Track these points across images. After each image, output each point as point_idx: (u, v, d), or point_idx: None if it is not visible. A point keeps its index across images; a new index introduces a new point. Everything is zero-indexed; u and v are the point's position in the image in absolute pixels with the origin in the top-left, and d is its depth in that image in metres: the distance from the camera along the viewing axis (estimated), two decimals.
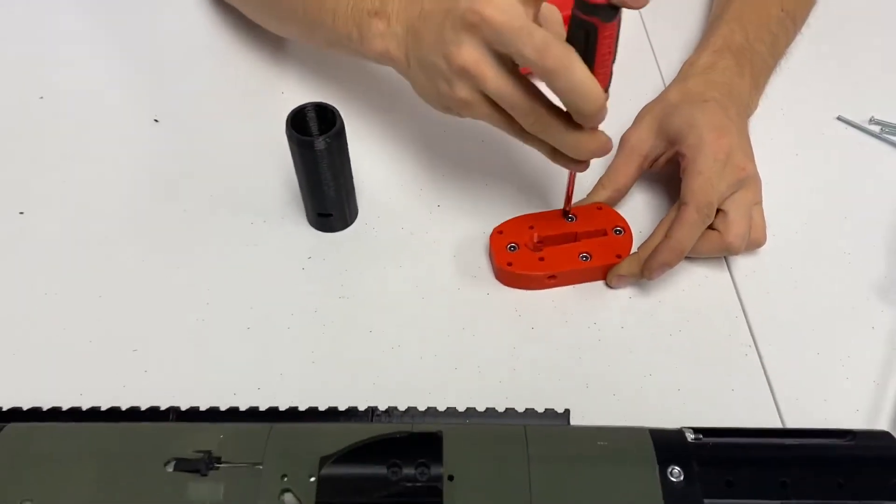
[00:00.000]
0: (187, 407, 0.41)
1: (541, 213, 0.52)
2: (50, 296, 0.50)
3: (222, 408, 0.41)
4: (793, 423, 0.44)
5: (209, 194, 0.55)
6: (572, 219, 0.51)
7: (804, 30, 0.64)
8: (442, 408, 0.41)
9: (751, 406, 0.45)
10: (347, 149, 0.49)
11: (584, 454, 0.38)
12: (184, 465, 0.37)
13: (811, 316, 0.49)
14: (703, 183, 0.47)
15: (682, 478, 0.37)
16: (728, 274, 0.51)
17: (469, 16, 0.40)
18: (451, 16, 0.42)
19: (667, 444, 0.38)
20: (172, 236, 0.53)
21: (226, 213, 0.54)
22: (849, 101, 0.60)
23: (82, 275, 0.51)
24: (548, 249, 0.50)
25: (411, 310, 0.49)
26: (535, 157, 0.47)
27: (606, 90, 0.42)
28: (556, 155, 0.45)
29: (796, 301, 0.49)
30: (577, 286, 0.50)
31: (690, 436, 0.39)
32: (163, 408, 0.41)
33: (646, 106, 0.53)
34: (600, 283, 0.50)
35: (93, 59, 0.65)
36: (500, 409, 0.41)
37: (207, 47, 0.66)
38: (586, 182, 0.53)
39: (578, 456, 0.38)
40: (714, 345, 0.47)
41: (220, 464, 0.37)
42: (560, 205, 0.52)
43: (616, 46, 0.42)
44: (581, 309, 0.49)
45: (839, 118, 0.59)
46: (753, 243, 0.50)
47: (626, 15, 0.62)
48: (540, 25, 0.41)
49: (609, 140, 0.44)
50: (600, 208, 0.52)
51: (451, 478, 0.36)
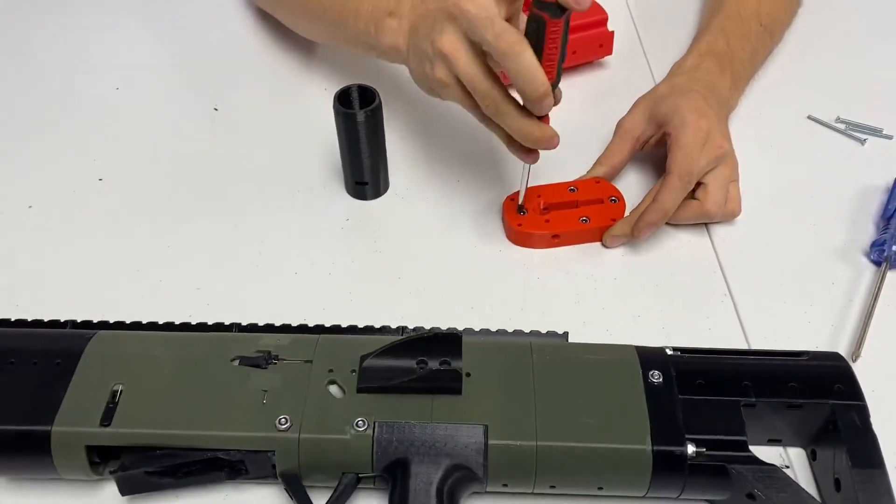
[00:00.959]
0: (247, 324, 0.49)
1: (547, 184, 0.60)
2: (126, 245, 0.58)
3: (277, 325, 0.49)
4: None
5: (261, 169, 0.64)
6: (574, 190, 0.59)
7: (781, 41, 0.73)
8: (461, 329, 0.49)
9: (725, 343, 0.52)
10: (383, 124, 0.58)
11: (579, 360, 0.45)
12: (247, 361, 0.45)
13: (779, 272, 0.56)
14: (684, 155, 0.55)
15: (660, 379, 0.44)
16: (708, 238, 0.59)
17: (452, 8, 0.49)
18: (440, 9, 0.50)
19: (649, 355, 0.46)
20: (230, 202, 0.61)
21: (275, 184, 0.63)
22: (818, 102, 0.69)
23: (156, 228, 0.59)
24: (552, 213, 0.58)
25: (434, 262, 0.57)
26: None
27: (555, 84, 0.49)
28: (511, 142, 0.53)
29: (767, 260, 0.57)
30: (577, 247, 0.58)
31: (670, 351, 0.46)
32: (226, 324, 0.49)
33: (638, 98, 0.62)
34: (597, 244, 0.58)
35: (163, 59, 0.75)
36: (509, 331, 0.49)
37: (260, 47, 0.76)
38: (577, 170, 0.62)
39: (575, 361, 0.45)
40: (694, 293, 0.55)
41: (278, 360, 0.45)
42: (561, 178, 0.60)
43: (563, 46, 0.48)
44: (580, 264, 0.57)
45: (809, 117, 0.68)
46: (729, 214, 0.58)
47: (622, 25, 0.72)
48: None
49: (555, 135, 0.51)
50: (598, 182, 0.60)
51: (468, 374, 0.44)
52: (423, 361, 0.43)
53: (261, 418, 0.42)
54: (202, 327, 0.49)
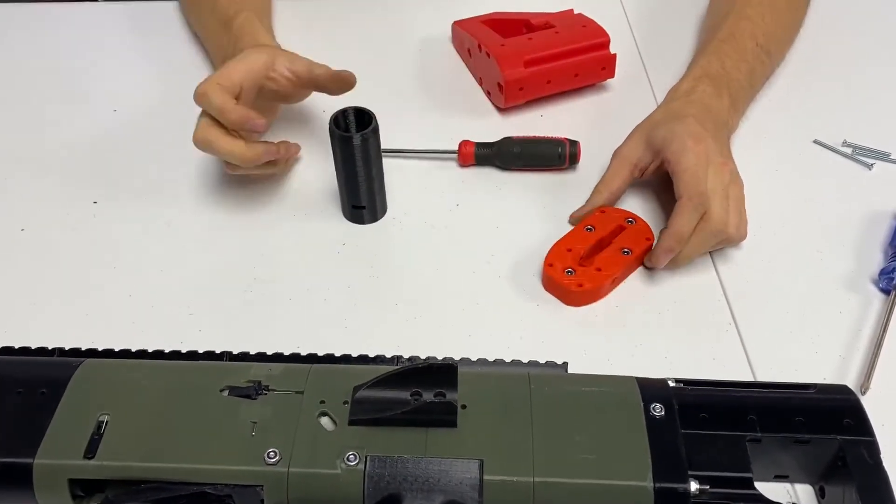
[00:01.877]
0: (238, 353, 0.48)
1: (566, 236, 0.57)
2: (119, 269, 0.57)
3: (269, 353, 0.48)
4: None
5: (258, 192, 0.63)
6: (591, 229, 0.57)
7: (786, 65, 0.72)
8: (457, 359, 0.47)
9: (730, 374, 0.51)
10: (380, 147, 0.57)
11: (579, 392, 0.44)
12: (236, 391, 0.44)
13: (786, 301, 0.55)
14: (690, 177, 0.54)
15: (662, 412, 0.43)
16: (712, 265, 0.57)
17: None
18: None
19: (651, 387, 0.44)
20: (226, 224, 0.60)
21: (272, 208, 0.62)
22: (824, 125, 0.68)
23: (147, 252, 0.58)
24: (596, 259, 0.55)
25: (431, 288, 0.56)
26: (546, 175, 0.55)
27: None
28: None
29: (773, 288, 0.56)
30: None
31: (672, 383, 0.45)
32: (217, 352, 0.48)
33: (635, 126, 0.61)
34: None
35: (161, 82, 0.74)
36: (507, 360, 0.48)
37: None
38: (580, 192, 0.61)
39: (574, 393, 0.44)
40: (698, 322, 0.54)
41: (268, 391, 0.44)
42: (565, 203, 0.59)
43: None
44: None
45: (815, 141, 0.67)
46: (742, 235, 0.56)
47: (625, 48, 0.71)
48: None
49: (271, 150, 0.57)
50: (604, 211, 0.59)
51: (463, 406, 0.43)
52: (418, 393, 0.42)
53: (249, 451, 0.41)
54: (192, 356, 0.48)
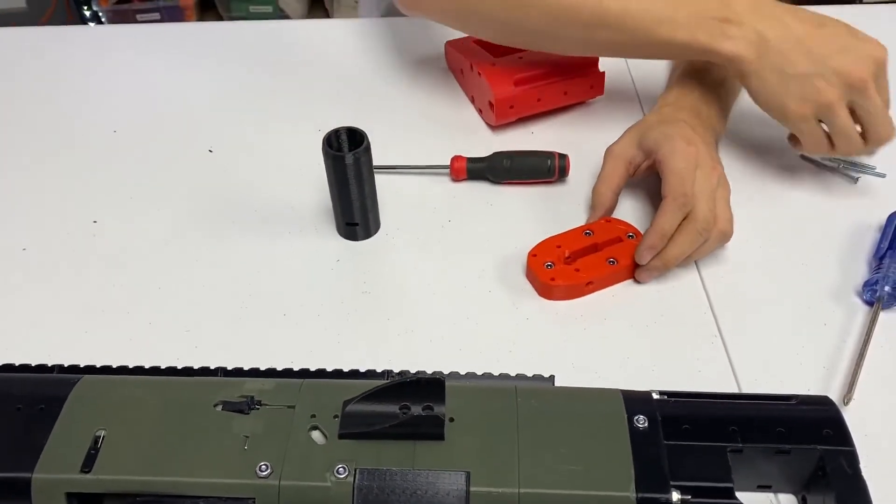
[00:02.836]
0: (232, 368, 0.49)
1: (562, 233, 0.59)
2: (118, 287, 0.58)
3: (262, 368, 0.49)
4: None
5: (254, 210, 0.64)
6: (589, 233, 0.59)
7: None
8: (446, 373, 0.48)
9: (716, 385, 0.51)
10: (372, 166, 0.58)
11: (564, 404, 0.45)
12: (230, 406, 0.45)
13: (771, 313, 0.56)
14: (676, 178, 0.55)
15: (646, 424, 0.44)
16: (698, 277, 0.58)
17: (879, 56, 0.58)
18: (855, 47, 0.58)
19: (635, 400, 0.45)
20: (221, 242, 0.62)
21: (267, 224, 0.63)
22: None
23: (145, 270, 0.59)
24: (579, 261, 0.57)
25: (423, 303, 0.57)
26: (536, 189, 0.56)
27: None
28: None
29: (758, 300, 0.57)
30: None
31: (656, 395, 0.46)
32: (212, 368, 0.49)
33: (628, 128, 0.62)
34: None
35: (159, 102, 0.76)
36: (496, 374, 0.49)
37: (253, 89, 0.77)
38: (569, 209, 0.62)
39: (560, 405, 0.45)
40: (684, 334, 0.54)
41: (260, 406, 0.45)
42: (563, 224, 0.61)
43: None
44: (569, 305, 0.57)
45: (802, 156, 0.68)
46: (723, 235, 0.57)
47: (614, 66, 0.72)
48: None
49: None
50: (609, 221, 0.60)
51: (451, 419, 0.44)
52: (406, 406, 0.43)
53: (241, 465, 0.42)
54: (188, 372, 0.49)
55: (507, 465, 0.42)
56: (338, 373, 0.49)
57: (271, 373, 0.49)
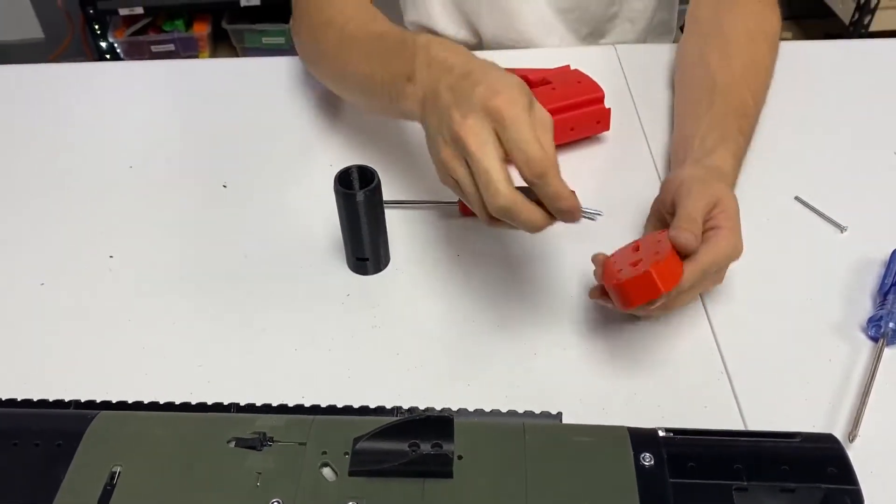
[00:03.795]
0: (244, 404, 0.50)
1: (611, 255, 0.56)
2: (133, 321, 0.60)
3: (274, 405, 0.50)
4: None
5: (266, 244, 0.66)
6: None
7: (770, 123, 0.73)
8: (455, 409, 0.49)
9: (722, 422, 0.52)
10: (382, 203, 0.59)
11: (572, 442, 0.45)
12: (243, 443, 0.46)
13: (776, 349, 0.56)
14: (735, 237, 0.55)
15: (652, 462, 0.44)
16: (704, 314, 0.59)
17: (487, 102, 0.49)
18: (469, 96, 0.51)
19: (641, 437, 0.46)
20: (234, 277, 0.63)
21: (279, 259, 0.64)
22: (806, 184, 0.70)
23: (162, 304, 0.61)
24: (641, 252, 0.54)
25: (432, 338, 0.58)
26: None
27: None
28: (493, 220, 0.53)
29: (763, 337, 0.57)
30: (576, 322, 0.58)
31: (662, 433, 0.46)
32: (225, 404, 0.50)
33: (679, 180, 0.59)
34: (590, 319, 0.59)
35: (174, 138, 0.78)
36: (504, 410, 0.49)
37: (267, 126, 0.79)
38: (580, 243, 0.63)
39: (567, 443, 0.45)
40: (691, 371, 0.55)
41: (272, 442, 0.46)
42: (571, 259, 0.61)
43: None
44: (577, 340, 0.57)
45: (796, 198, 0.69)
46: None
47: (620, 102, 0.73)
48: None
49: (571, 208, 0.51)
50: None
51: (460, 457, 0.44)
52: (416, 444, 0.44)
53: (254, 501, 0.42)
54: (202, 407, 0.50)
55: (515, 502, 0.42)
56: (348, 409, 0.50)
57: (283, 409, 0.50)
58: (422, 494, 0.42)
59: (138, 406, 0.50)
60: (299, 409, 0.50)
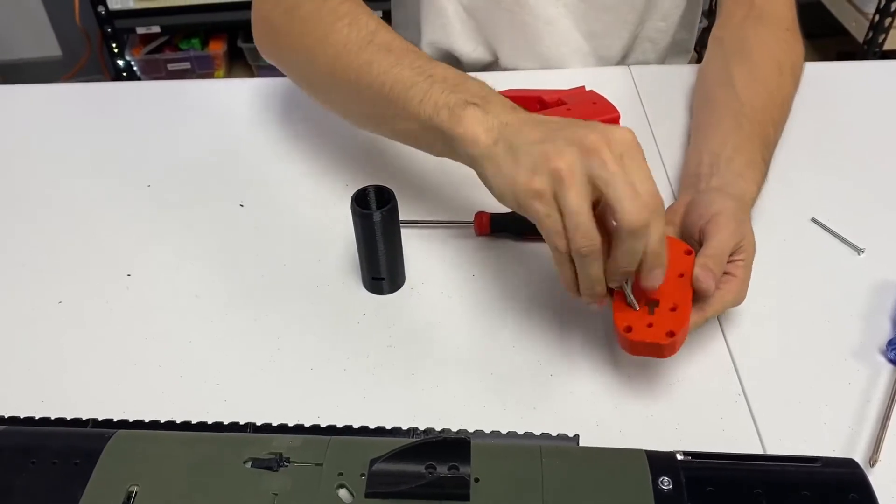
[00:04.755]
0: (261, 424, 0.50)
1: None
2: (150, 340, 0.60)
3: (290, 425, 0.50)
4: None
5: (283, 263, 0.66)
6: None
7: (787, 144, 0.73)
8: (471, 431, 0.49)
9: (739, 445, 0.52)
10: (399, 223, 0.59)
11: (589, 465, 0.45)
12: (259, 463, 0.46)
13: (795, 372, 0.56)
14: (745, 287, 0.55)
15: (670, 486, 0.44)
16: (721, 336, 0.59)
17: (588, 144, 0.48)
18: (567, 137, 0.49)
19: (659, 461, 0.45)
20: (250, 296, 0.63)
21: (295, 278, 0.64)
22: (822, 206, 0.70)
23: (176, 324, 0.61)
24: (662, 296, 0.53)
25: (447, 358, 0.58)
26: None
27: None
28: (571, 286, 0.52)
29: (782, 360, 0.57)
30: (589, 346, 0.58)
31: (680, 457, 0.46)
32: (241, 423, 0.50)
33: (720, 212, 0.57)
34: (606, 340, 0.58)
35: (192, 157, 0.78)
36: (520, 432, 0.49)
37: (285, 145, 0.79)
38: None
39: (584, 466, 0.45)
40: (708, 393, 0.55)
41: (289, 463, 0.46)
42: None
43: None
44: (593, 362, 0.57)
45: (813, 220, 0.68)
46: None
47: (636, 123, 0.73)
48: None
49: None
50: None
51: (476, 480, 0.44)
52: (432, 466, 0.44)
53: None
54: (218, 427, 0.50)
55: None
56: (364, 430, 0.50)
57: (299, 429, 0.50)
58: None
59: (155, 425, 0.50)
60: (315, 429, 0.50)
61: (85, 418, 0.51)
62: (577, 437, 0.49)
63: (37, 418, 0.51)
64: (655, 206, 0.48)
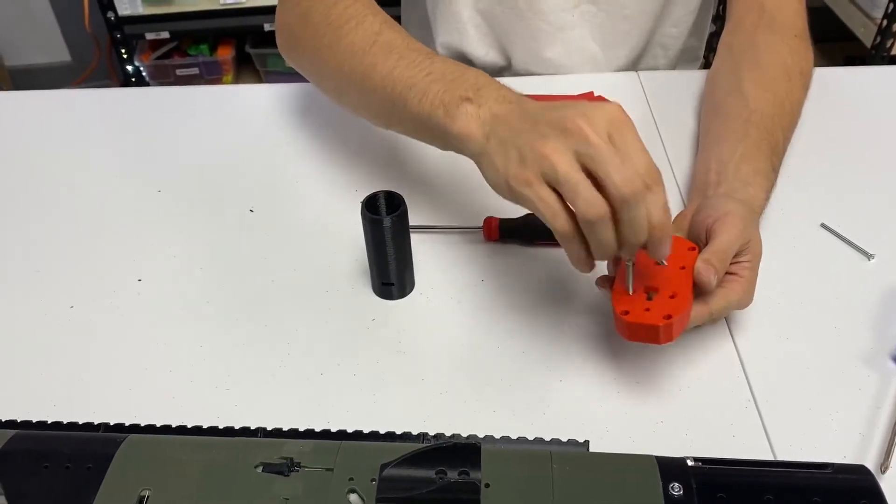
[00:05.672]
0: (271, 429, 0.51)
1: (615, 279, 0.56)
2: (161, 344, 0.60)
3: (300, 429, 0.50)
4: None
5: (292, 268, 0.66)
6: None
7: (795, 149, 0.73)
8: (481, 436, 0.49)
9: (749, 451, 0.51)
10: (409, 228, 0.60)
11: (599, 471, 0.45)
12: (270, 468, 0.46)
13: (805, 378, 0.56)
14: (751, 289, 0.56)
15: (681, 492, 0.44)
16: (731, 341, 0.59)
17: (568, 124, 0.48)
18: (550, 120, 0.50)
19: (670, 467, 0.45)
20: (261, 301, 0.63)
21: (305, 283, 0.65)
22: (831, 211, 0.70)
23: (186, 328, 0.61)
24: (660, 284, 0.54)
25: (457, 364, 0.58)
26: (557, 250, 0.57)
27: None
28: (582, 259, 0.52)
29: (792, 365, 0.57)
30: (600, 352, 0.58)
31: (691, 462, 0.46)
32: (252, 428, 0.50)
33: (728, 213, 0.57)
34: (616, 345, 0.58)
35: (203, 163, 0.79)
36: (530, 438, 0.49)
37: (294, 150, 0.79)
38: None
39: (595, 472, 0.45)
40: (718, 399, 0.55)
41: (300, 468, 0.46)
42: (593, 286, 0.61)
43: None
44: (603, 367, 0.57)
45: (822, 225, 0.68)
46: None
47: (643, 127, 0.74)
48: None
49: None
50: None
51: (487, 485, 0.44)
52: (443, 472, 0.44)
53: None
54: (229, 431, 0.50)
55: None
56: (374, 434, 0.50)
57: (310, 434, 0.50)
58: None
59: (166, 430, 0.51)
60: (326, 434, 0.50)
61: (97, 423, 0.51)
62: (587, 442, 0.49)
63: (49, 423, 0.51)
64: (650, 175, 0.48)
